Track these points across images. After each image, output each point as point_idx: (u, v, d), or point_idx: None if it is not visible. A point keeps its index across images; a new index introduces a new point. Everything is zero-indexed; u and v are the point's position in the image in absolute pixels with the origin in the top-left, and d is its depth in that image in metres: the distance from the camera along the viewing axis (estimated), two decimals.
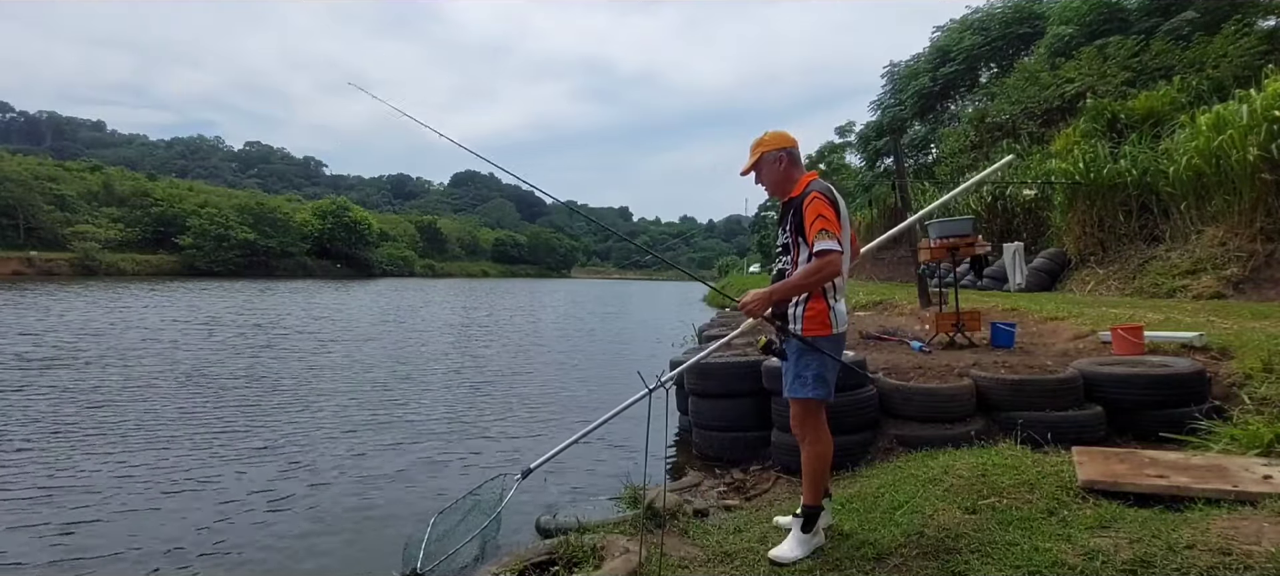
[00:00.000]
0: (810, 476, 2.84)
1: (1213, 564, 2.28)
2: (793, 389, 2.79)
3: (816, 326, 2.73)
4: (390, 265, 73.11)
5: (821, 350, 2.72)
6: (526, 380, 9.53)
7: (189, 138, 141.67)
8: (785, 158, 2.85)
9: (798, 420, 2.85)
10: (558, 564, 2.90)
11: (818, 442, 2.83)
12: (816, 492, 2.84)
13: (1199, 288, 9.38)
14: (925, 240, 6.87)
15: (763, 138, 2.89)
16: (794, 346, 2.76)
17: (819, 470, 2.84)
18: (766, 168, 2.87)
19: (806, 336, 2.71)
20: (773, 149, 2.85)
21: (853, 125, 32.20)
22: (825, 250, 2.59)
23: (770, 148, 2.86)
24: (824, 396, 2.77)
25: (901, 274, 16.94)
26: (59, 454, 5.43)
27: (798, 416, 2.85)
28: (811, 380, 2.74)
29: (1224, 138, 9.60)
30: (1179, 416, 4.07)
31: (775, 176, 2.87)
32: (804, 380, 2.75)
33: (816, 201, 2.67)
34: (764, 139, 2.89)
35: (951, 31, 25.43)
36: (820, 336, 2.72)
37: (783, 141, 2.86)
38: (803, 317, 2.73)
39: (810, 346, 2.71)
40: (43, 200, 48.71)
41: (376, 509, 4.47)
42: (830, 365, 2.77)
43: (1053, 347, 5.98)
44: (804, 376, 2.75)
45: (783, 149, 2.85)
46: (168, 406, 7.11)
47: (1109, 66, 15.95)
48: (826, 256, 2.60)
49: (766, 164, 2.87)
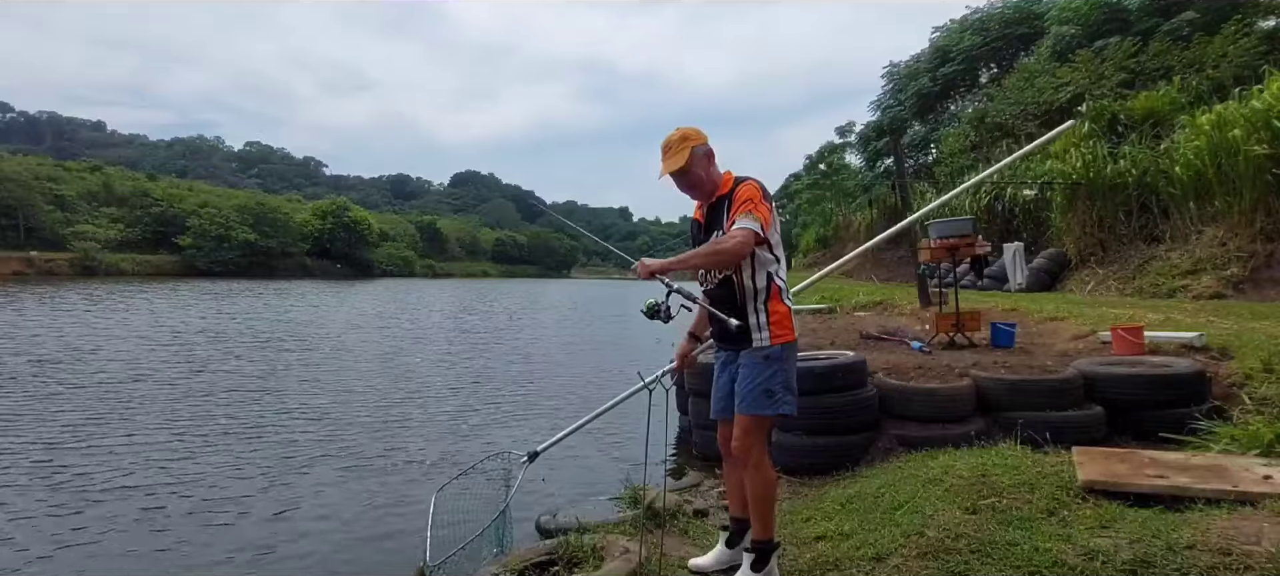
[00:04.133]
0: (761, 505, 2.52)
1: (1213, 564, 2.28)
2: (757, 405, 2.43)
3: (784, 331, 2.47)
4: (390, 265, 73.13)
5: (784, 360, 2.47)
6: (527, 382, 9.53)
7: (189, 138, 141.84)
8: (711, 153, 2.54)
9: (747, 438, 2.47)
10: (558, 564, 2.89)
11: (763, 466, 2.51)
12: (769, 525, 2.56)
13: (1199, 288, 9.37)
14: (925, 240, 6.87)
15: (683, 132, 2.51)
16: (756, 356, 2.47)
17: (768, 498, 2.53)
18: (698, 164, 2.49)
19: (777, 344, 2.45)
20: (701, 143, 2.50)
21: (853, 125, 32.25)
22: (745, 228, 2.33)
23: (698, 142, 2.49)
24: (794, 410, 2.51)
25: (901, 274, 16.92)
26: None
27: (749, 433, 2.47)
28: (782, 392, 2.45)
29: (1229, 135, 9.59)
30: (1179, 416, 4.06)
31: (706, 173, 2.52)
32: (774, 394, 2.43)
33: (749, 187, 2.43)
34: (686, 133, 2.51)
35: (951, 32, 25.43)
36: (789, 342, 2.48)
37: (703, 136, 2.53)
38: (769, 325, 2.45)
39: (776, 358, 2.44)
40: (43, 200, 48.75)
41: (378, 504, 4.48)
42: (794, 373, 2.52)
43: (1053, 348, 5.98)
44: (773, 390, 2.43)
45: (706, 143, 2.52)
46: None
47: (1106, 67, 15.95)
48: (743, 234, 2.32)
49: (698, 159, 2.49)
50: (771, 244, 2.47)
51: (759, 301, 2.46)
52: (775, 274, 2.49)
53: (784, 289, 2.51)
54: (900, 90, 26.78)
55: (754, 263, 2.46)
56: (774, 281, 2.48)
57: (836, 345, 6.36)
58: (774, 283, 2.48)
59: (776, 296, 2.47)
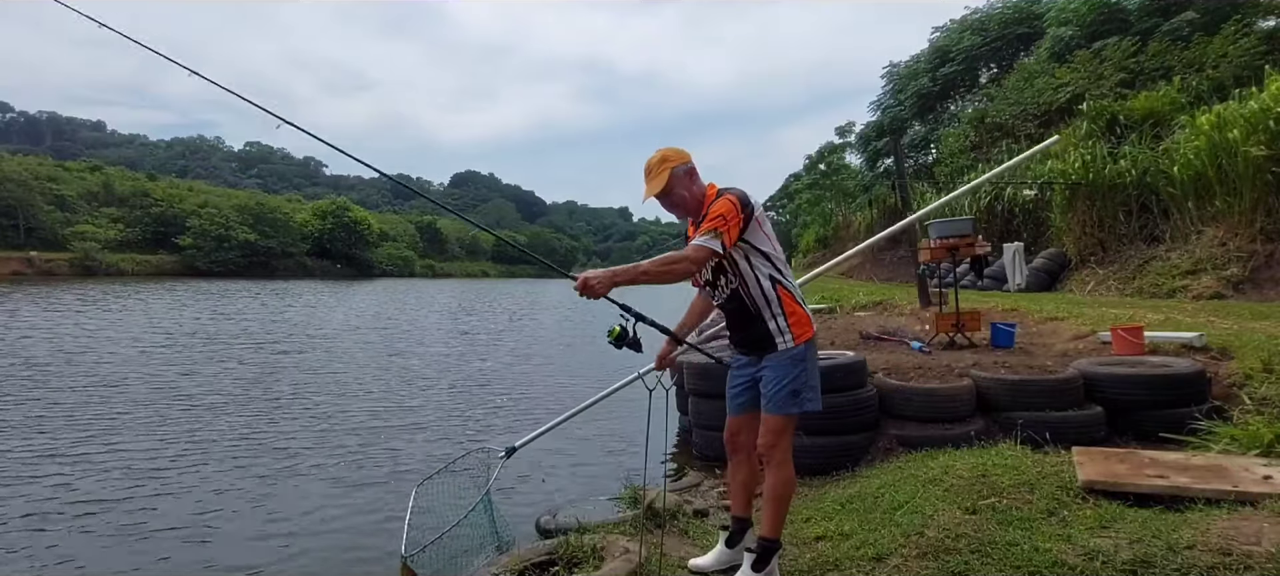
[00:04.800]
0: (777, 504, 2.52)
1: (1213, 564, 2.28)
2: (785, 405, 2.45)
3: (804, 329, 2.48)
4: (390, 265, 73.18)
5: (807, 358, 2.49)
6: (529, 386, 9.53)
7: (189, 138, 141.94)
8: (693, 170, 2.51)
9: (773, 437, 2.50)
10: (558, 564, 2.89)
11: (787, 466, 2.52)
12: (779, 525, 2.55)
13: (1199, 288, 9.37)
14: (925, 240, 6.87)
15: (663, 154, 2.48)
16: (782, 359, 2.47)
17: (786, 498, 2.55)
18: (679, 183, 2.47)
19: (800, 344, 2.46)
20: (681, 162, 2.47)
21: (853, 125, 32.23)
22: (702, 245, 2.28)
23: (678, 161, 2.46)
24: (819, 406, 2.52)
25: (901, 274, 16.92)
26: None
27: (776, 433, 2.49)
28: (807, 391, 2.47)
29: (1229, 135, 9.60)
30: (1179, 416, 4.07)
31: (689, 192, 2.49)
32: (799, 394, 2.45)
33: (724, 200, 2.37)
34: (665, 154, 2.47)
35: (951, 32, 25.46)
36: (809, 339, 2.50)
37: (685, 155, 2.51)
38: (789, 327, 2.46)
39: (799, 358, 2.46)
40: (43, 200, 48.80)
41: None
42: (817, 369, 2.53)
43: (1053, 348, 5.98)
44: (799, 389, 2.45)
45: (687, 162, 2.50)
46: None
47: (1105, 68, 15.96)
48: (699, 251, 2.28)
49: (679, 179, 2.46)
50: (766, 253, 2.47)
51: (774, 308, 2.48)
52: (780, 280, 2.50)
53: (794, 292, 2.52)
54: (900, 90, 26.80)
55: (754, 272, 2.47)
56: (780, 286, 2.49)
57: (836, 345, 6.36)
58: (781, 287, 2.49)
59: (788, 299, 2.49)
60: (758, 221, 2.44)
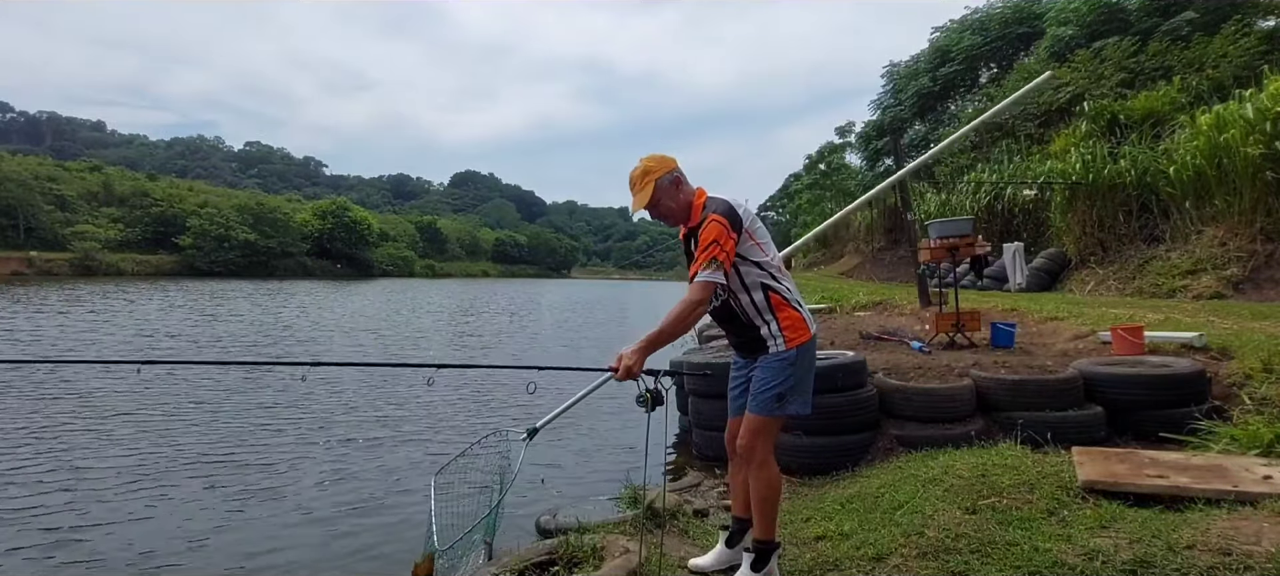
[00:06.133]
0: (765, 506, 2.52)
1: (1213, 564, 2.28)
2: (767, 407, 2.45)
3: (799, 332, 2.48)
4: (390, 265, 73.14)
5: (798, 363, 2.48)
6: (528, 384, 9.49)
7: (189, 138, 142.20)
8: (679, 178, 2.51)
9: (751, 437, 2.49)
10: (558, 564, 2.89)
11: (769, 465, 2.52)
12: (771, 526, 2.56)
13: (1199, 288, 9.38)
14: (925, 240, 6.87)
15: (645, 165, 2.50)
16: (773, 361, 2.47)
17: (773, 498, 2.54)
18: (665, 194, 2.48)
19: (792, 348, 2.46)
20: (665, 172, 2.48)
21: (853, 125, 32.30)
22: (706, 282, 2.32)
23: (661, 171, 2.47)
24: (808, 410, 2.53)
25: (901, 274, 16.93)
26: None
27: (755, 433, 2.49)
28: (793, 396, 2.46)
29: (1227, 135, 9.60)
30: (1179, 416, 4.07)
31: (676, 202, 2.50)
32: (784, 398, 2.45)
33: (712, 225, 2.36)
34: (648, 166, 2.49)
35: (951, 32, 25.48)
36: (804, 343, 2.49)
37: (669, 162, 2.51)
38: (782, 331, 2.47)
39: (793, 361, 2.46)
40: (43, 200, 48.79)
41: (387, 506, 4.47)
42: (810, 373, 2.53)
43: (1053, 348, 5.98)
44: (784, 394, 2.45)
45: (672, 170, 2.50)
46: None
47: (1105, 68, 15.96)
48: (705, 289, 2.33)
49: (664, 190, 2.48)
50: (758, 262, 2.47)
51: (766, 314, 2.48)
52: (772, 287, 2.49)
53: (787, 297, 2.51)
54: (900, 90, 26.82)
55: (744, 282, 2.47)
56: (773, 292, 2.49)
57: (836, 345, 6.36)
58: (773, 293, 2.49)
59: (781, 305, 2.48)
60: (748, 232, 2.44)
